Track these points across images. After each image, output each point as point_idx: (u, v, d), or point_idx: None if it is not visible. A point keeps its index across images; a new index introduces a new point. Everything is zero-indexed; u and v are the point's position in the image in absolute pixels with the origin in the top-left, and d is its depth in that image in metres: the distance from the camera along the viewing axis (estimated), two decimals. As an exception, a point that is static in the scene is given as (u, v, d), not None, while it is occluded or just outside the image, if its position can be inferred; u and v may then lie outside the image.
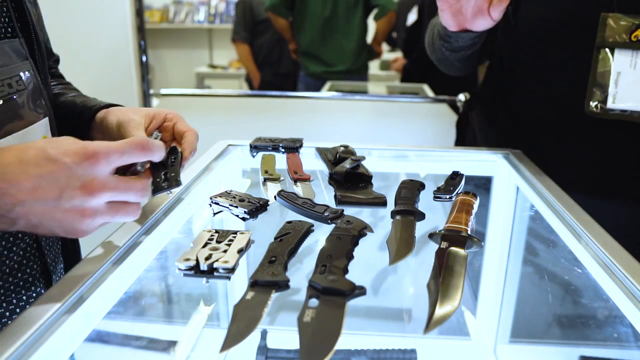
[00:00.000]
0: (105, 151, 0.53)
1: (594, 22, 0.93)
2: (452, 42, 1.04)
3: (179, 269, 0.59)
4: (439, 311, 0.53)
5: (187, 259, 0.58)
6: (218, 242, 0.63)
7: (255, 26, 3.27)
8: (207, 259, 0.58)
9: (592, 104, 0.95)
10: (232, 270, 0.58)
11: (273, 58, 3.31)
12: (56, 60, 0.95)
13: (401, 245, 0.67)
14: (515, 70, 1.10)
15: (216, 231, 0.65)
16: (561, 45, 1.00)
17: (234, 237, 0.64)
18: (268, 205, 0.77)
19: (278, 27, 2.98)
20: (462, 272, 0.60)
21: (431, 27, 1.17)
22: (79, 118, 0.78)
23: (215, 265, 0.58)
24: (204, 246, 0.62)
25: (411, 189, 0.84)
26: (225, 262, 0.58)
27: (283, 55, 3.28)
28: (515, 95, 1.11)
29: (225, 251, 0.60)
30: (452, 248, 0.65)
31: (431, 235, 0.69)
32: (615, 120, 0.95)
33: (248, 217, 0.74)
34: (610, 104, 0.93)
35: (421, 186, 0.86)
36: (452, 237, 0.67)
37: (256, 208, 0.75)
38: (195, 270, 0.58)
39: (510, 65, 1.12)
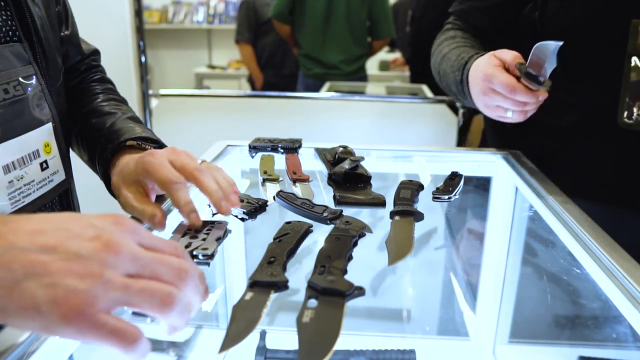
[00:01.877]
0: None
1: (624, 29, 0.89)
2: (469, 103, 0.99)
3: None
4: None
5: None
6: (197, 231, 0.65)
7: (259, 27, 3.25)
8: (187, 247, 0.61)
9: (625, 115, 0.91)
10: (211, 256, 0.60)
11: (276, 59, 3.29)
12: (94, 51, 0.94)
13: (400, 246, 0.67)
14: None
15: None
16: (589, 52, 0.96)
17: (212, 226, 0.66)
18: (267, 205, 0.77)
19: (283, 35, 2.99)
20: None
21: (440, 56, 1.09)
22: (103, 151, 0.76)
23: (195, 252, 0.60)
24: (184, 236, 0.64)
25: (410, 189, 0.84)
26: (205, 249, 0.60)
27: (286, 56, 3.27)
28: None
29: (204, 239, 0.63)
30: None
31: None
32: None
33: (247, 217, 0.74)
34: None
35: (420, 187, 0.86)
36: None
37: (255, 209, 0.75)
38: None
39: None
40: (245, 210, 0.74)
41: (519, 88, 0.81)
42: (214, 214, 0.76)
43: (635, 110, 0.90)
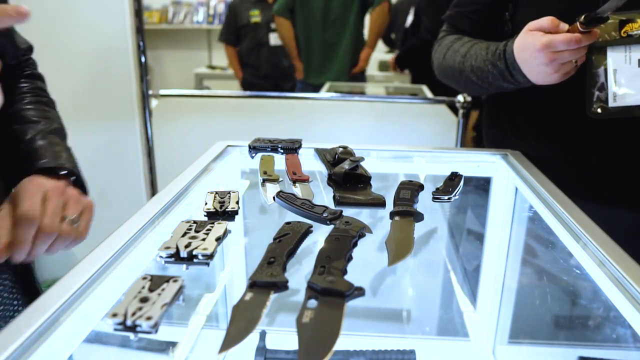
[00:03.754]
0: None
1: None
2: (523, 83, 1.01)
3: (160, 257, 0.60)
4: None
5: (168, 247, 0.60)
6: (196, 231, 0.65)
7: (239, 29, 3.45)
8: (186, 246, 0.61)
9: (594, 106, 0.94)
10: (210, 256, 0.60)
11: (251, 60, 3.48)
12: (28, 48, 0.91)
13: (400, 246, 0.67)
14: None
15: (194, 222, 0.68)
16: None
17: (212, 227, 0.66)
18: (235, 214, 0.75)
19: (284, 36, 2.98)
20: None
21: (459, 56, 1.12)
22: (18, 166, 0.78)
23: (194, 252, 0.60)
24: (183, 235, 0.64)
25: (410, 189, 0.84)
26: (205, 249, 0.60)
27: (260, 59, 3.44)
28: (515, 100, 1.11)
29: (203, 239, 0.63)
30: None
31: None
32: (616, 125, 0.95)
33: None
34: (612, 103, 0.92)
35: (420, 187, 0.86)
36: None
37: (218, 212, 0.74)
38: (176, 257, 0.60)
39: None
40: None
41: (582, 37, 0.87)
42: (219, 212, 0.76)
43: (600, 100, 0.93)
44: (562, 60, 0.90)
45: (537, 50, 0.90)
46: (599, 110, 0.93)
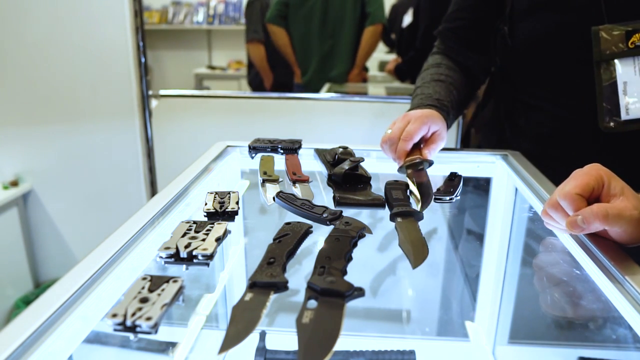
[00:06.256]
0: None
1: (586, 36, 0.91)
2: None
3: (160, 257, 0.61)
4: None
5: (168, 248, 0.61)
6: (196, 232, 0.65)
7: None
8: (186, 247, 0.61)
9: (606, 119, 0.91)
10: (210, 257, 0.60)
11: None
12: None
13: (418, 247, 0.66)
14: (517, 89, 1.09)
15: (194, 222, 0.68)
16: (558, 61, 0.99)
17: (212, 227, 0.66)
18: (235, 214, 0.75)
19: (280, 45, 2.93)
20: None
21: (419, 82, 1.18)
22: None
23: (194, 252, 0.60)
24: (183, 236, 0.64)
25: (399, 189, 0.84)
26: (204, 249, 0.60)
27: (296, 55, 3.29)
28: (519, 112, 1.10)
29: (203, 240, 0.63)
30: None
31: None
32: (626, 137, 0.93)
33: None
34: (624, 116, 0.90)
35: (407, 186, 0.86)
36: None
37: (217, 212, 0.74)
38: (176, 258, 0.61)
39: (512, 83, 1.11)
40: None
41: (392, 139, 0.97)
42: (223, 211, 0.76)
43: (612, 113, 0.91)
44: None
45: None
46: (612, 124, 0.91)
